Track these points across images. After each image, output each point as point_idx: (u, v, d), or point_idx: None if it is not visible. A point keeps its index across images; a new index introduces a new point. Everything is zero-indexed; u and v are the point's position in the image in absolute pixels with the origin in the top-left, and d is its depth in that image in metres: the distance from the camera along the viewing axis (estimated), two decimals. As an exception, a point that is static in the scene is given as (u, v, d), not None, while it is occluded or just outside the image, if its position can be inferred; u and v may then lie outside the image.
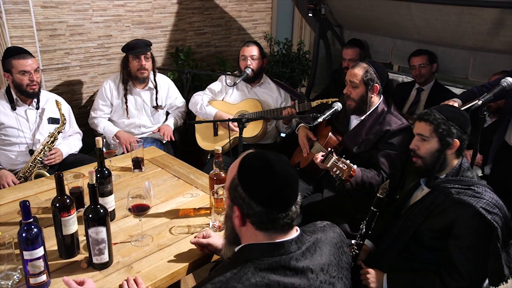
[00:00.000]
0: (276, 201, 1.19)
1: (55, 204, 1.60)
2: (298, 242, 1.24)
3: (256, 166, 1.21)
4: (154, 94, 3.33)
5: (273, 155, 1.24)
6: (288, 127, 3.30)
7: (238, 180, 1.21)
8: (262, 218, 1.20)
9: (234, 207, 1.23)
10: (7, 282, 1.52)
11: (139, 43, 3.15)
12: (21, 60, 2.64)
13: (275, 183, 1.19)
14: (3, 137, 2.74)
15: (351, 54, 3.54)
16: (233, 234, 1.30)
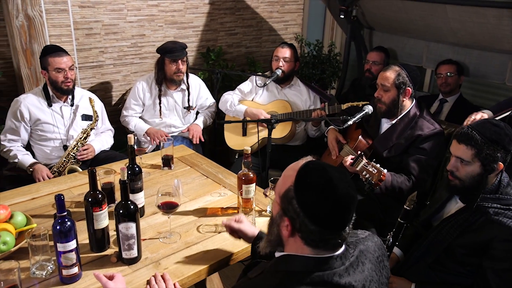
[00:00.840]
0: (333, 224, 1.15)
1: (87, 198, 1.64)
2: (343, 257, 1.20)
3: (317, 184, 1.15)
4: (186, 96, 3.37)
5: (336, 172, 1.17)
6: (317, 130, 3.29)
7: (295, 193, 1.16)
8: (314, 237, 1.16)
9: (285, 217, 1.19)
10: (42, 272, 1.57)
11: (177, 47, 3.15)
12: (57, 58, 2.72)
13: (335, 206, 1.13)
14: (39, 133, 2.83)
15: (375, 57, 3.52)
16: (277, 240, 1.26)
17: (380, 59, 3.52)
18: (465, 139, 1.70)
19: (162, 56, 3.19)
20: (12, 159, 2.78)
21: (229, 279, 2.70)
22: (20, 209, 1.93)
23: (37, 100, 2.81)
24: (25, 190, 2.21)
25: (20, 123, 2.77)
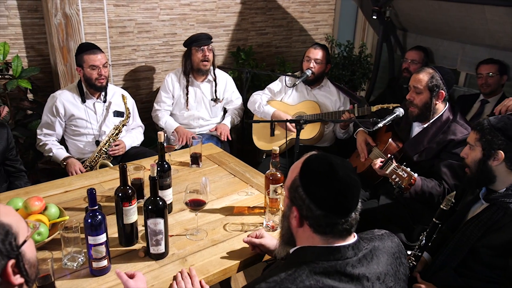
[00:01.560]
0: (337, 206, 1.18)
1: (118, 193, 1.67)
2: (355, 248, 1.22)
3: (319, 169, 1.20)
4: (213, 87, 3.40)
5: (337, 159, 1.22)
6: (345, 132, 3.25)
7: (300, 181, 1.21)
8: (320, 222, 1.19)
9: (293, 207, 1.23)
10: (73, 264, 1.61)
11: (202, 35, 3.24)
12: (91, 55, 2.78)
13: (337, 188, 1.17)
14: (73, 128, 2.91)
15: (414, 55, 3.44)
16: (288, 234, 1.30)
17: (419, 58, 3.43)
18: (476, 125, 1.80)
19: (189, 47, 3.26)
20: (47, 153, 2.86)
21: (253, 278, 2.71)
22: (53, 201, 1.98)
23: (72, 96, 2.88)
24: (59, 183, 2.27)
25: (56, 118, 2.86)
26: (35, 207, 1.75)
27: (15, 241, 1.00)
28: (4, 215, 0.99)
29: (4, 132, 2.42)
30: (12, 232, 0.99)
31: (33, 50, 3.26)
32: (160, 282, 1.56)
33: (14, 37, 3.16)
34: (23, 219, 1.06)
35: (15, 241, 0.99)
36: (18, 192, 2.18)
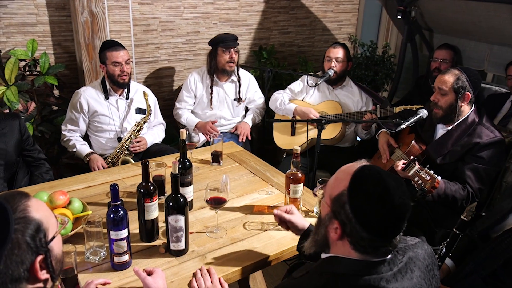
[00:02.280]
0: (385, 232, 1.14)
1: (140, 190, 1.69)
2: (391, 263, 1.18)
3: (372, 192, 1.13)
4: (237, 87, 3.41)
5: (391, 179, 1.15)
6: (367, 133, 3.22)
7: (348, 198, 1.14)
8: (364, 243, 1.15)
9: (335, 220, 1.18)
10: (95, 258, 1.64)
11: (229, 37, 3.22)
12: (114, 52, 2.82)
13: (390, 216, 1.12)
14: (96, 124, 2.96)
15: (444, 54, 3.31)
16: (323, 242, 1.25)
17: (449, 56, 3.31)
18: None
19: (215, 47, 3.26)
20: (71, 148, 2.92)
21: (272, 278, 2.71)
22: (77, 196, 2.02)
23: (96, 93, 2.93)
24: (82, 178, 2.32)
25: (79, 114, 2.91)
26: (59, 201, 1.79)
27: (45, 237, 1.01)
28: (35, 210, 1.00)
29: (15, 123, 2.42)
30: (43, 228, 1.01)
31: (60, 47, 3.33)
32: (179, 278, 1.57)
33: (42, 35, 3.23)
34: (53, 215, 1.07)
35: (44, 237, 1.01)
36: (43, 186, 2.23)
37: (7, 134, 2.37)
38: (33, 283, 1.00)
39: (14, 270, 0.95)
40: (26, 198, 1.02)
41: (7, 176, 2.41)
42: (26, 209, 0.99)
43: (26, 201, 1.01)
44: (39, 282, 1.01)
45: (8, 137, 2.37)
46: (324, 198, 1.25)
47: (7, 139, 2.37)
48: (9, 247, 0.93)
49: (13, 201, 0.99)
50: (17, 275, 0.96)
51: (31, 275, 0.99)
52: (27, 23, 3.15)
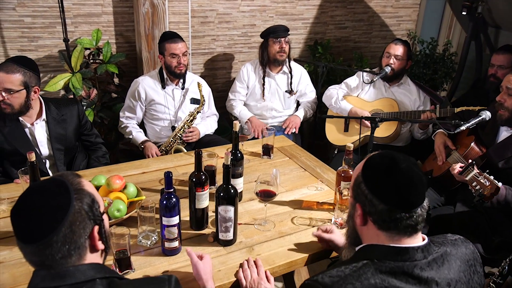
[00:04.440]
0: (399, 200, 1.15)
1: (192, 178, 1.73)
2: (425, 251, 1.18)
3: (380, 163, 1.20)
4: (288, 79, 3.41)
5: (400, 155, 1.21)
6: (423, 132, 3.11)
7: (362, 177, 1.20)
8: (384, 217, 1.16)
9: (357, 204, 1.22)
10: (147, 242, 1.70)
11: (280, 27, 3.27)
12: (173, 44, 2.89)
13: (399, 180, 1.16)
14: (152, 112, 3.05)
15: (502, 60, 3.03)
16: (354, 234, 1.29)
17: (508, 62, 3.04)
18: None
19: (266, 38, 3.30)
20: (128, 135, 3.03)
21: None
22: (131, 181, 2.08)
23: (153, 82, 3.02)
24: (137, 164, 2.40)
25: (137, 102, 3.01)
26: (116, 185, 1.86)
27: (99, 208, 1.10)
28: (87, 186, 1.10)
29: (74, 109, 2.52)
30: (96, 200, 1.10)
31: (122, 37, 3.46)
32: (226, 268, 1.59)
33: (106, 25, 3.36)
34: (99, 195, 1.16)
35: (98, 209, 1.09)
36: (101, 169, 2.33)
37: (67, 120, 2.49)
38: (92, 252, 1.08)
39: (78, 236, 1.03)
40: (78, 176, 1.11)
41: (66, 160, 2.54)
42: (80, 183, 1.09)
43: (78, 178, 1.10)
44: (96, 252, 1.09)
45: (67, 123, 2.49)
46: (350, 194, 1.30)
47: (66, 125, 2.49)
48: (72, 212, 1.01)
49: (68, 177, 1.08)
50: (81, 242, 1.03)
51: (91, 244, 1.07)
52: (93, 14, 3.29)
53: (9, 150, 2.33)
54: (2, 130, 2.31)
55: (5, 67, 2.20)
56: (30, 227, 0.99)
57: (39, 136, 2.41)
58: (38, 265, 1.02)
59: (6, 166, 2.39)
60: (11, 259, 1.59)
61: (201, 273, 1.45)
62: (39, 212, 1.00)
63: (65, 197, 1.02)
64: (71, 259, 1.02)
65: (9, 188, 2.10)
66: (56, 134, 2.44)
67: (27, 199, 1.03)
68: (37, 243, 0.98)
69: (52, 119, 2.43)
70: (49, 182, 1.06)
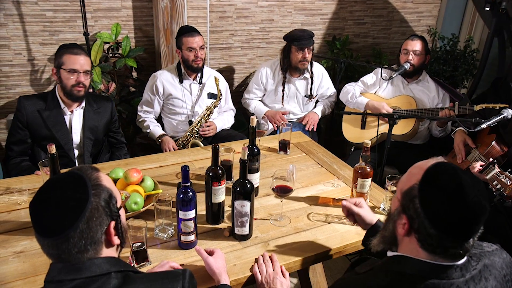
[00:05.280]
0: (455, 232, 1.06)
1: (209, 173, 1.73)
2: (463, 269, 1.11)
3: (445, 187, 1.07)
4: (309, 84, 3.37)
5: (468, 177, 1.09)
6: (442, 130, 3.06)
7: (419, 192, 1.10)
8: (432, 241, 1.09)
9: (403, 215, 1.14)
10: (163, 235, 1.71)
11: (305, 35, 3.14)
12: (189, 38, 2.90)
13: (462, 214, 1.05)
14: (170, 106, 3.07)
15: None
16: (391, 238, 1.22)
17: None
18: None
19: (289, 44, 3.22)
20: (145, 129, 3.06)
21: (332, 271, 2.69)
22: (149, 174, 2.10)
23: (171, 76, 3.03)
24: (154, 158, 2.42)
25: (155, 96, 3.03)
26: (133, 178, 1.88)
27: (116, 204, 1.11)
28: (105, 181, 1.11)
29: (108, 105, 2.62)
30: (114, 195, 1.11)
31: (141, 31, 3.48)
32: (242, 262, 1.60)
33: (126, 19, 3.39)
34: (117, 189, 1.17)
35: (115, 204, 1.11)
36: (119, 162, 2.36)
37: (101, 113, 2.57)
38: (108, 246, 1.09)
39: (95, 231, 1.04)
40: (97, 171, 1.12)
41: (93, 152, 2.60)
42: (98, 178, 1.09)
43: (97, 172, 1.11)
44: (112, 247, 1.11)
45: (101, 116, 2.57)
46: (395, 193, 1.21)
47: (100, 117, 2.56)
48: (89, 208, 1.02)
49: (86, 172, 1.09)
50: (97, 238, 1.05)
51: (107, 239, 1.08)
52: (113, 8, 3.32)
53: (44, 134, 2.41)
54: (42, 115, 2.39)
55: (81, 51, 2.34)
56: (48, 221, 1.01)
57: (75, 123, 2.49)
58: (55, 257, 1.04)
59: (35, 150, 2.47)
60: (32, 249, 1.63)
61: (213, 267, 1.46)
62: (57, 207, 1.01)
63: (83, 193, 1.03)
64: (87, 254, 1.04)
65: (31, 179, 2.14)
66: (90, 124, 2.52)
67: (46, 193, 1.05)
68: (54, 237, 1.00)
69: (89, 109, 2.52)
70: (68, 176, 1.07)
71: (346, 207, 1.68)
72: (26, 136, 2.43)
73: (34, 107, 2.39)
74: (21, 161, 2.43)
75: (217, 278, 1.45)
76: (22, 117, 2.39)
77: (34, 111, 2.39)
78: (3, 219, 1.80)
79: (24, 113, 2.38)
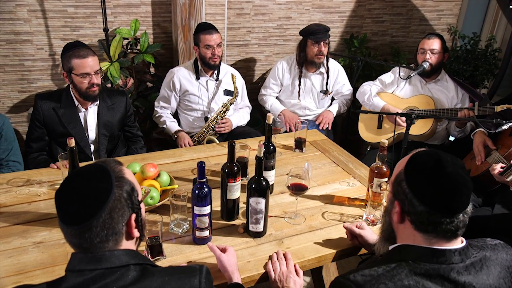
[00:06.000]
0: (441, 204, 1.11)
1: (224, 169, 1.74)
2: (462, 254, 1.14)
3: (425, 164, 1.16)
4: (325, 79, 3.36)
5: (448, 156, 1.16)
6: (460, 131, 3.02)
7: (404, 175, 1.17)
8: (423, 218, 1.13)
9: (395, 202, 1.20)
10: (178, 230, 1.73)
11: (320, 29, 3.15)
12: (207, 35, 2.91)
13: (443, 184, 1.11)
14: (186, 103, 3.09)
15: None
16: (389, 230, 1.26)
17: None
18: None
19: (305, 38, 3.22)
20: (162, 125, 3.08)
21: (345, 270, 2.66)
22: (164, 169, 2.12)
23: (188, 73, 3.05)
24: (170, 153, 2.44)
25: (172, 92, 3.05)
26: (150, 172, 1.90)
27: (137, 197, 1.13)
28: (128, 174, 1.13)
29: (123, 100, 2.64)
30: (135, 189, 1.13)
31: (159, 27, 3.50)
32: (256, 259, 1.61)
33: (144, 15, 3.42)
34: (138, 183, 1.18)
35: (137, 197, 1.12)
36: (136, 157, 2.38)
37: (115, 109, 2.60)
38: (128, 239, 1.11)
39: (117, 222, 1.06)
40: (120, 164, 1.15)
41: (109, 147, 2.63)
42: (122, 171, 1.12)
43: (120, 166, 1.14)
44: (132, 239, 1.13)
45: (115, 112, 2.60)
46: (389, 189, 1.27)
47: (114, 113, 2.59)
48: (112, 199, 1.04)
49: (110, 164, 1.12)
50: (118, 229, 1.07)
51: (127, 231, 1.10)
52: (132, 4, 3.34)
53: (60, 131, 2.46)
54: (57, 112, 2.44)
55: (88, 53, 2.33)
56: (72, 210, 1.03)
57: (90, 120, 2.53)
58: (77, 246, 1.06)
59: (53, 147, 2.52)
60: (50, 240, 1.66)
61: (226, 265, 1.47)
62: (82, 197, 1.03)
63: (107, 184, 1.05)
64: (108, 244, 1.05)
65: (50, 172, 2.18)
66: (104, 120, 2.55)
67: (71, 183, 1.07)
68: (77, 225, 1.02)
69: (103, 106, 2.54)
70: (93, 168, 1.09)
71: (348, 229, 1.70)
72: (43, 133, 2.48)
73: (49, 105, 2.44)
74: (39, 155, 2.48)
75: (229, 276, 1.46)
76: (39, 116, 2.44)
77: (50, 109, 2.44)
78: (23, 210, 1.85)
79: (40, 111, 2.44)
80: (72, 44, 2.42)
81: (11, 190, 1.99)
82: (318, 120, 3.33)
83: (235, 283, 1.43)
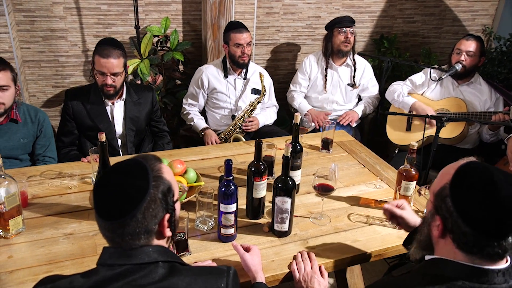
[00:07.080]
0: (490, 228, 1.03)
1: (251, 168, 1.75)
2: (506, 274, 1.07)
3: (476, 183, 1.05)
4: (352, 72, 3.35)
5: (501, 174, 1.06)
6: (493, 135, 2.94)
7: (450, 191, 1.08)
8: (467, 240, 1.05)
9: (437, 216, 1.12)
10: (204, 226, 1.74)
11: (346, 18, 3.23)
12: (238, 34, 2.92)
13: (496, 209, 1.02)
14: (214, 100, 3.11)
15: None
16: (427, 242, 1.19)
17: None
18: None
19: (331, 29, 3.25)
20: (189, 122, 3.12)
21: (369, 273, 2.65)
22: (191, 166, 2.13)
23: (216, 71, 3.07)
24: (197, 150, 2.46)
25: (200, 90, 3.08)
26: (177, 169, 1.93)
27: (173, 198, 1.13)
28: (167, 173, 1.13)
29: (149, 95, 2.68)
30: (172, 189, 1.13)
31: (189, 25, 3.54)
32: (280, 258, 1.61)
33: (175, 13, 3.46)
34: (176, 182, 1.18)
35: (172, 197, 1.13)
36: (163, 153, 2.42)
37: (142, 104, 2.64)
38: (159, 238, 1.12)
39: (149, 222, 1.06)
40: (160, 161, 1.14)
41: (136, 141, 2.68)
42: (160, 169, 1.11)
43: (159, 164, 1.13)
44: (163, 239, 1.13)
45: (142, 107, 2.64)
46: (429, 197, 1.19)
47: (141, 108, 2.63)
48: (148, 199, 1.05)
49: (150, 161, 1.12)
50: (150, 228, 1.07)
51: (159, 230, 1.11)
52: (163, 2, 3.39)
53: (88, 125, 2.52)
54: (86, 106, 2.50)
55: (111, 54, 2.36)
56: (107, 205, 1.05)
57: (116, 115, 2.58)
58: (109, 239, 1.08)
59: (82, 140, 2.59)
60: (80, 232, 1.70)
61: (249, 264, 1.47)
62: (117, 193, 1.05)
63: (144, 182, 1.06)
64: (139, 241, 1.07)
65: (81, 165, 2.23)
66: (131, 115, 2.59)
67: (109, 177, 1.09)
68: (111, 221, 1.04)
69: (129, 101, 2.59)
70: (133, 164, 1.10)
71: (388, 210, 1.64)
72: (73, 127, 2.54)
73: (78, 99, 2.51)
74: (70, 151, 2.55)
75: (252, 275, 1.46)
76: (69, 110, 2.51)
77: (79, 103, 2.50)
78: (55, 201, 1.90)
79: (70, 105, 2.50)
80: (105, 40, 2.48)
81: (44, 182, 2.05)
82: (341, 117, 3.31)
83: (258, 282, 1.43)
